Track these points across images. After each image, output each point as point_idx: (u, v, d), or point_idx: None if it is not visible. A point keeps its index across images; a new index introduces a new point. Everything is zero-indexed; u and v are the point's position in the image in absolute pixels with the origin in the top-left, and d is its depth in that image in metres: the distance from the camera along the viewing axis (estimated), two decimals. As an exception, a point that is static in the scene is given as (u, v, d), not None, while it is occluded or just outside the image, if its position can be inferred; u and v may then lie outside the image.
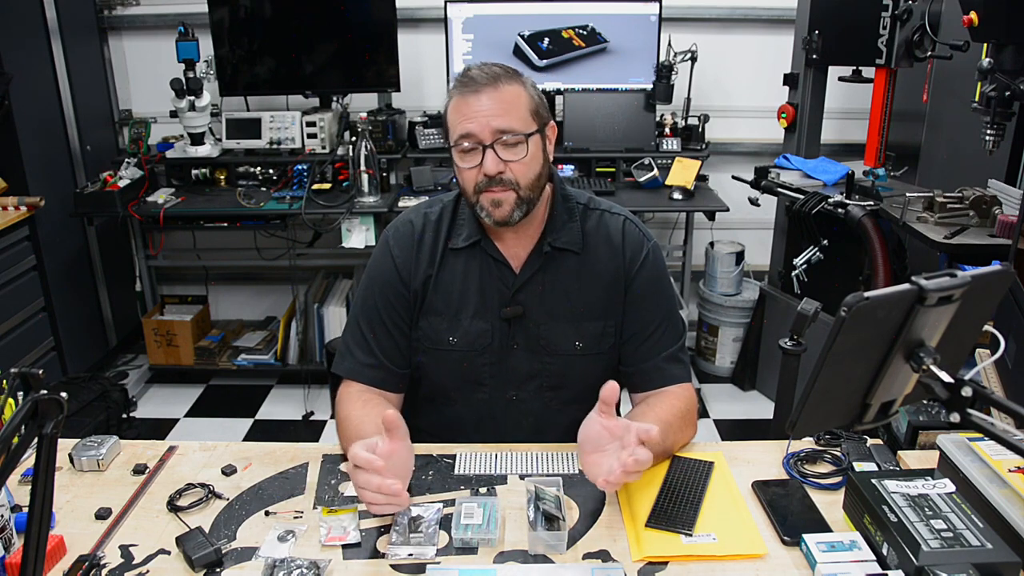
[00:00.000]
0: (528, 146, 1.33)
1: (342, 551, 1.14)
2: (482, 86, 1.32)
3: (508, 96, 1.32)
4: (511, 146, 1.32)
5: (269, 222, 3.13)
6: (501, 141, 1.31)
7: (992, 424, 0.94)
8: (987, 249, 2.20)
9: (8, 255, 2.80)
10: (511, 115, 1.32)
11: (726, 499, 1.24)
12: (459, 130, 1.33)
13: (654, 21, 3.17)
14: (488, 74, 1.33)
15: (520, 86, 1.35)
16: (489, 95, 1.31)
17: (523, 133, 1.32)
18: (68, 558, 1.13)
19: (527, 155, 1.33)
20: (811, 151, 3.09)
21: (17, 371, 0.89)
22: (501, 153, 1.32)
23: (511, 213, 1.35)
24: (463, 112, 1.32)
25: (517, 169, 1.33)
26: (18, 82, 2.86)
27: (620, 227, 1.47)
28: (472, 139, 1.32)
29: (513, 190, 1.34)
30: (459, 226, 1.46)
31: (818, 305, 1.44)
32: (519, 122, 1.32)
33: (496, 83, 1.32)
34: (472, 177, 1.34)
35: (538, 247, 1.43)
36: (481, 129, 1.31)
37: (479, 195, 1.35)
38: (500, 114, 1.31)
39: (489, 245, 1.43)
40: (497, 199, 1.34)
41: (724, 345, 3.42)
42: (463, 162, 1.34)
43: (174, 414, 3.25)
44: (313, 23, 3.17)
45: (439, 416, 1.52)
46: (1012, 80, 1.93)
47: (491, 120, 1.30)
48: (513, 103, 1.32)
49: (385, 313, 1.45)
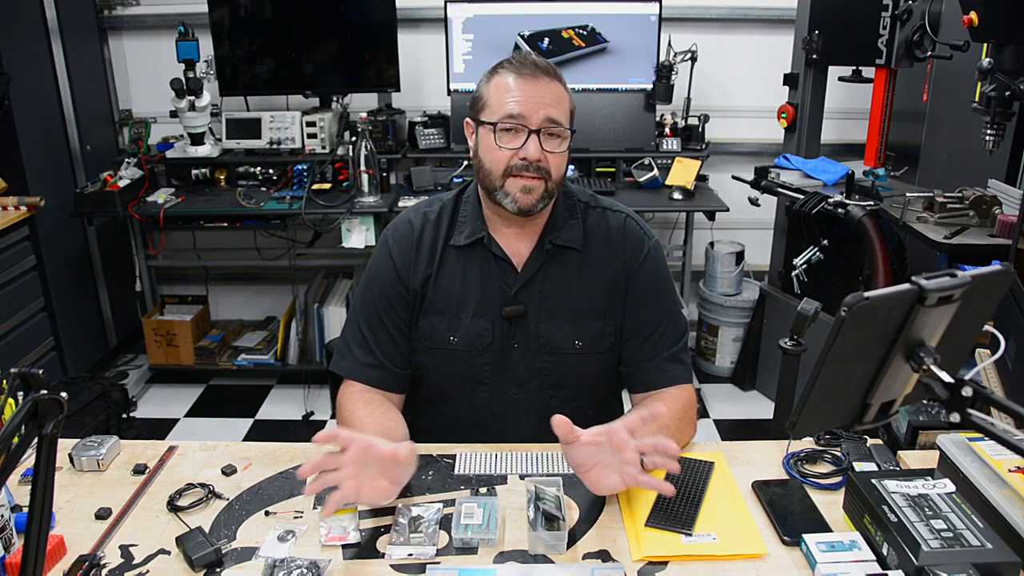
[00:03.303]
0: (567, 143, 1.37)
1: (342, 551, 1.14)
2: (541, 73, 1.35)
3: (559, 91, 1.37)
4: (554, 138, 1.35)
5: (269, 222, 3.13)
6: (547, 130, 1.33)
7: (992, 424, 0.94)
8: (987, 249, 2.20)
9: (8, 255, 2.80)
10: (560, 109, 1.35)
11: (726, 499, 1.24)
12: (507, 109, 1.33)
13: (654, 21, 3.16)
14: (545, 66, 1.37)
15: (565, 88, 1.39)
16: (546, 84, 1.35)
17: (567, 129, 1.36)
18: (68, 558, 1.13)
19: (564, 150, 1.37)
20: (811, 151, 3.09)
21: (17, 371, 0.89)
22: (544, 142, 1.34)
23: (537, 203, 1.36)
24: (516, 93, 1.33)
25: (553, 161, 1.35)
26: (18, 82, 2.86)
27: (622, 224, 1.47)
28: (520, 120, 1.33)
29: (544, 180, 1.35)
30: (461, 224, 1.46)
31: (818, 305, 1.44)
32: (564, 118, 1.36)
33: (552, 75, 1.36)
34: (505, 158, 1.34)
35: (540, 244, 1.44)
36: (532, 113, 1.32)
37: (507, 178, 1.35)
38: (553, 104, 1.34)
39: (492, 242, 1.43)
40: (529, 186, 1.35)
41: (724, 345, 3.42)
42: (501, 141, 1.35)
43: (174, 414, 3.25)
44: (313, 23, 3.17)
45: (440, 416, 1.52)
46: (1012, 80, 1.93)
47: (543, 108, 1.33)
48: (562, 99, 1.37)
49: (384, 313, 1.45)
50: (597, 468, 1.17)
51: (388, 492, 1.15)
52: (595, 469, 1.17)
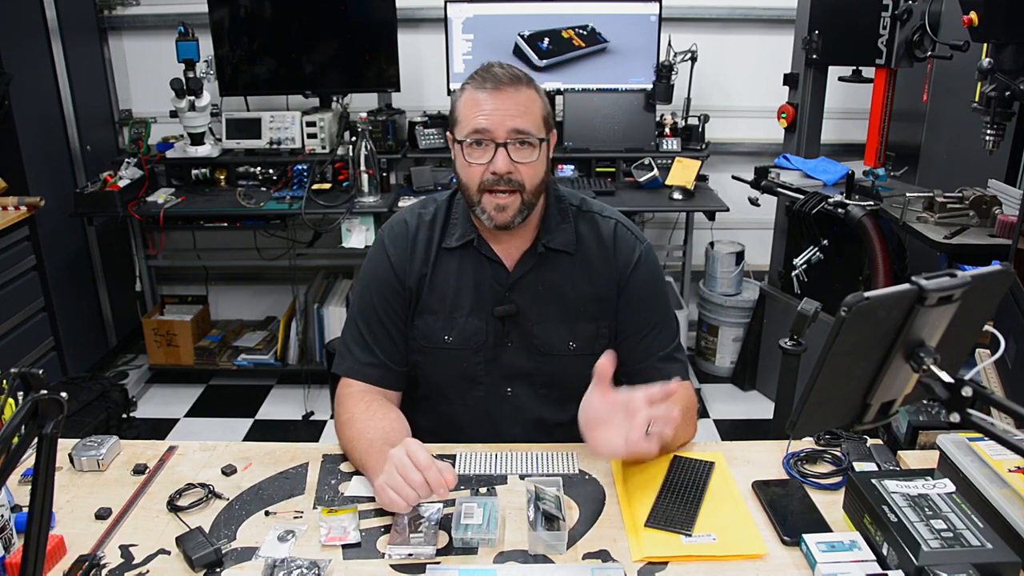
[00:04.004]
0: (539, 151, 1.35)
1: (342, 551, 1.14)
2: (503, 84, 1.32)
3: (526, 99, 1.34)
4: (525, 147, 1.33)
5: (269, 222, 3.13)
6: (515, 142, 1.32)
7: (992, 424, 0.94)
8: (987, 249, 2.20)
9: (8, 255, 2.80)
10: (527, 118, 1.33)
11: (726, 499, 1.24)
12: (472, 124, 1.33)
13: (654, 21, 3.17)
14: (509, 74, 1.34)
15: (536, 92, 1.37)
16: (509, 95, 1.32)
17: (537, 137, 1.34)
18: (68, 558, 1.13)
19: (536, 159, 1.35)
20: (811, 151, 3.09)
21: (17, 371, 0.89)
22: (513, 154, 1.32)
23: (513, 218, 1.36)
24: (481, 107, 1.32)
25: (525, 172, 1.34)
26: (18, 82, 2.86)
27: (612, 231, 1.47)
28: (486, 135, 1.32)
29: (518, 192, 1.34)
30: (452, 226, 1.46)
31: (818, 305, 1.44)
32: (534, 126, 1.34)
33: (517, 84, 1.33)
34: (478, 174, 1.34)
35: (532, 247, 1.44)
36: (497, 127, 1.31)
37: (482, 194, 1.35)
38: (518, 115, 1.32)
39: (483, 245, 1.44)
40: (502, 204, 1.34)
41: (724, 345, 3.42)
42: (471, 157, 1.34)
43: (174, 414, 3.25)
44: (313, 23, 3.17)
45: (437, 415, 1.52)
46: (1012, 80, 1.93)
47: (509, 119, 1.31)
48: (530, 107, 1.34)
49: (382, 311, 1.46)
50: (604, 428, 1.18)
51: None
52: (602, 428, 1.18)
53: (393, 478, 1.15)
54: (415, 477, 1.14)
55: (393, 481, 1.15)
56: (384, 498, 1.16)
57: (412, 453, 1.15)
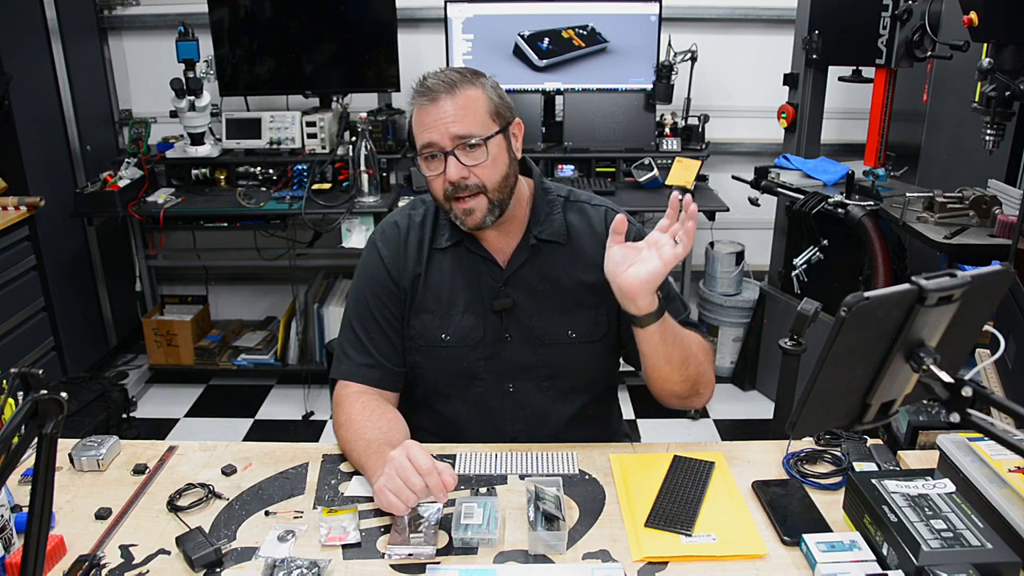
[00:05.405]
0: (488, 149, 1.34)
1: (342, 551, 1.14)
2: (438, 94, 1.32)
3: (464, 101, 1.32)
4: (473, 150, 1.33)
5: (269, 222, 3.13)
6: (461, 147, 1.32)
7: (992, 424, 0.94)
8: (987, 249, 2.20)
9: (8, 255, 2.80)
10: (468, 120, 1.32)
11: (726, 499, 1.24)
12: (422, 139, 1.34)
13: (654, 21, 3.17)
14: (444, 80, 1.33)
15: (478, 89, 1.35)
16: (445, 101, 1.32)
17: (482, 137, 1.32)
18: (68, 558, 1.13)
19: (488, 158, 1.34)
20: (811, 151, 3.09)
21: (17, 371, 0.89)
22: (463, 158, 1.33)
23: (483, 219, 1.37)
24: (423, 121, 1.33)
25: (481, 173, 1.34)
26: (18, 82, 2.86)
27: (602, 217, 1.48)
28: (435, 147, 1.33)
29: (482, 193, 1.35)
30: (441, 227, 1.47)
31: (818, 305, 1.44)
32: (477, 126, 1.33)
33: (452, 89, 1.32)
34: (439, 185, 1.36)
35: (524, 241, 1.45)
36: (441, 136, 1.32)
37: (450, 203, 1.37)
38: (458, 120, 1.31)
39: (473, 244, 1.45)
40: (468, 208, 1.35)
41: (724, 345, 3.42)
42: (429, 170, 1.36)
43: (174, 414, 3.25)
44: (313, 23, 3.17)
45: (437, 414, 1.52)
46: (1012, 80, 1.93)
47: (449, 127, 1.31)
48: (470, 107, 1.33)
49: (378, 311, 1.46)
50: (632, 264, 1.26)
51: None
52: (631, 266, 1.26)
53: (393, 481, 1.15)
54: (415, 481, 1.14)
55: (393, 484, 1.15)
56: (383, 501, 1.16)
57: (413, 456, 1.15)
